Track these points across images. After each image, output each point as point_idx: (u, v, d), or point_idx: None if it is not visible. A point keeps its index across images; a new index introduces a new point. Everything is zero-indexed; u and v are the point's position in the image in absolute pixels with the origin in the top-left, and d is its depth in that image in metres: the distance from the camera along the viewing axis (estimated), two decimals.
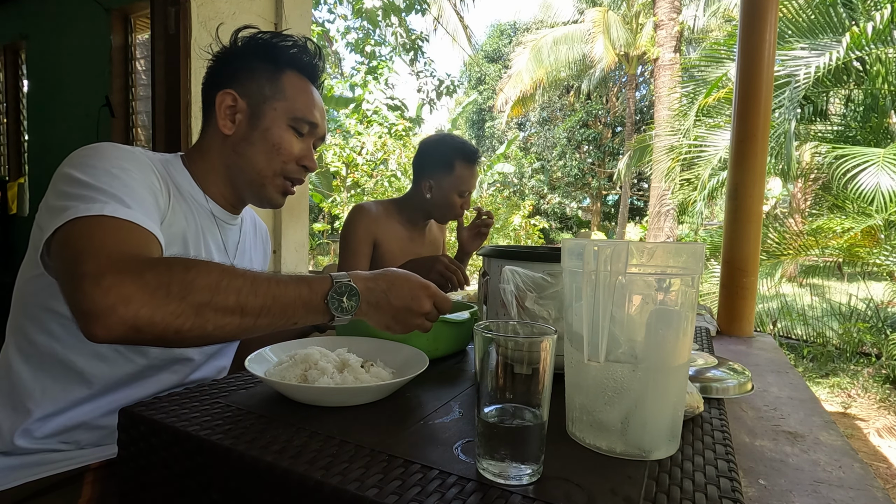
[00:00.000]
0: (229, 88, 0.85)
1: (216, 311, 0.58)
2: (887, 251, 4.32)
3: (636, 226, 15.62)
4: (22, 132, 3.71)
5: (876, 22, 4.13)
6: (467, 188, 1.62)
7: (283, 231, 2.51)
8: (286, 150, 0.86)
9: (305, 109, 0.88)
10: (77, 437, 0.77)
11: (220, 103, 0.85)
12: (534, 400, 0.45)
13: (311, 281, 0.64)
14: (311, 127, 0.89)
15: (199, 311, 0.57)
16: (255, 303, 0.60)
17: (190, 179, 0.86)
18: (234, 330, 0.59)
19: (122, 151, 0.74)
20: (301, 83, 0.89)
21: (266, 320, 0.60)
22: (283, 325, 0.62)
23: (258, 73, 0.86)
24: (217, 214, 0.89)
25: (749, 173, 1.63)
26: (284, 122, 0.86)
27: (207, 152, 0.89)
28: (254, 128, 0.85)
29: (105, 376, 0.77)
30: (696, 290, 0.51)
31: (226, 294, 0.58)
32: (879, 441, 3.01)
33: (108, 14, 2.76)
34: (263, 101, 0.86)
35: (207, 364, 0.91)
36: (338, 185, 7.33)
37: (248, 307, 0.59)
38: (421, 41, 7.84)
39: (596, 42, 12.14)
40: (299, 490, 0.45)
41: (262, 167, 0.86)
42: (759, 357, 1.36)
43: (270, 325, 0.61)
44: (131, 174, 0.71)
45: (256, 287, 0.60)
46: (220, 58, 0.89)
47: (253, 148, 0.86)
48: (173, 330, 0.56)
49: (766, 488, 0.64)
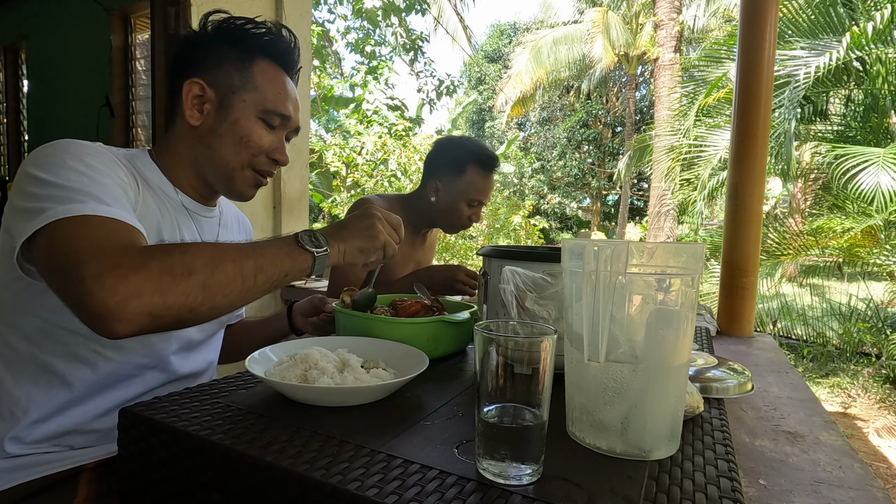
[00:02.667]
0: (197, 77, 0.81)
1: (220, 282, 0.61)
2: (887, 251, 4.32)
3: (636, 226, 15.62)
4: (22, 132, 3.71)
5: (876, 22, 4.13)
6: (478, 197, 1.47)
7: (283, 231, 2.51)
8: (255, 143, 0.83)
9: (277, 101, 0.84)
10: (70, 441, 0.76)
11: (188, 92, 0.81)
12: (534, 400, 0.45)
13: (282, 237, 0.70)
14: (283, 119, 0.85)
15: (205, 286, 0.59)
16: (249, 265, 0.64)
17: (158, 173, 0.84)
18: (239, 294, 0.63)
19: (83, 147, 0.72)
20: (273, 73, 0.85)
21: (262, 278, 0.65)
22: (278, 280, 0.67)
23: (227, 61, 0.82)
24: (189, 207, 0.87)
25: (749, 173, 1.63)
26: (254, 114, 0.83)
27: (175, 143, 0.86)
28: (222, 119, 0.82)
29: (86, 378, 0.76)
30: (696, 290, 0.51)
31: (223, 264, 0.62)
32: (879, 441, 3.01)
33: (108, 14, 2.76)
34: (232, 92, 0.82)
35: (192, 357, 0.89)
36: (338, 185, 7.33)
37: (246, 270, 0.63)
38: (421, 41, 7.84)
39: (595, 42, 12.14)
40: (299, 490, 0.45)
41: (230, 160, 0.83)
42: (759, 357, 1.36)
43: (268, 282, 0.66)
44: (98, 169, 0.69)
45: (245, 252, 0.64)
46: (188, 43, 0.85)
47: (221, 140, 0.82)
48: (187, 308, 0.58)
49: (766, 488, 0.64)
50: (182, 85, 0.82)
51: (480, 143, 1.55)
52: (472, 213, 1.50)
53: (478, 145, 1.51)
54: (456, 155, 1.48)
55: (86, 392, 0.76)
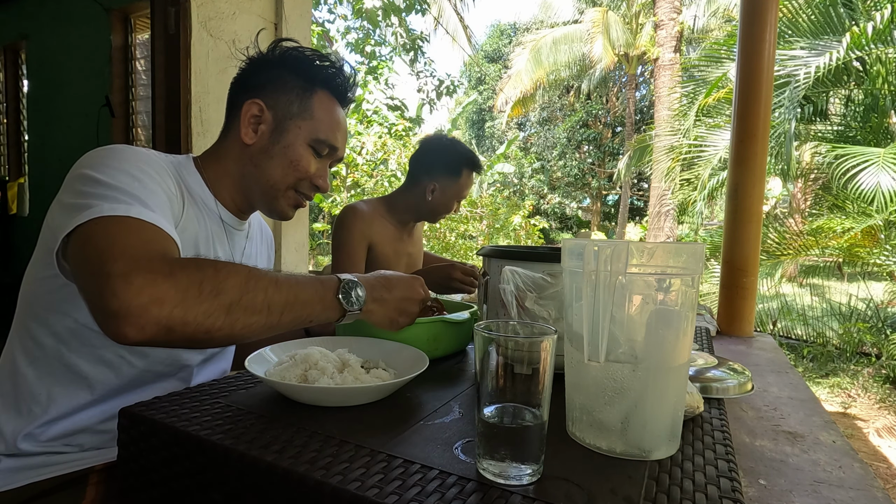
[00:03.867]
0: (257, 98, 0.84)
1: (245, 309, 0.59)
2: (887, 251, 4.32)
3: (636, 226, 15.62)
4: (22, 132, 3.71)
5: (876, 22, 4.13)
6: (466, 195, 1.67)
7: (283, 231, 2.51)
8: (303, 168, 0.86)
9: (329, 132, 0.88)
10: (80, 441, 0.77)
11: (246, 112, 0.84)
12: (534, 400, 0.45)
13: (322, 280, 0.68)
14: (331, 150, 0.89)
15: (229, 311, 0.58)
16: (279, 300, 0.62)
17: (202, 183, 0.86)
18: (260, 328, 0.61)
19: (139, 154, 0.73)
20: (329, 105, 0.89)
21: (288, 317, 0.63)
22: (301, 322, 0.65)
23: (290, 88, 0.86)
24: (226, 220, 0.89)
25: (749, 173, 1.64)
26: (306, 142, 0.86)
27: (224, 158, 0.88)
28: (275, 142, 0.85)
29: (109, 382, 0.77)
30: (696, 290, 0.51)
31: (254, 293, 0.60)
32: (879, 441, 3.01)
33: (108, 14, 2.76)
34: (290, 118, 0.85)
35: (208, 367, 0.90)
36: (338, 185, 7.33)
37: (274, 305, 0.61)
38: (421, 41, 7.83)
39: (595, 42, 12.15)
40: (299, 490, 0.45)
41: (276, 181, 0.86)
42: (759, 357, 1.36)
43: (291, 322, 0.64)
44: (151, 177, 0.71)
45: (279, 286, 0.62)
46: (253, 64, 0.88)
47: (271, 161, 0.85)
48: (204, 329, 0.57)
49: (766, 488, 0.64)
50: (242, 103, 0.85)
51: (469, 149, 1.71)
52: (457, 207, 1.69)
53: (468, 150, 1.67)
54: (453, 159, 1.62)
55: (105, 395, 0.77)
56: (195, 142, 2.15)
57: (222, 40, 2.21)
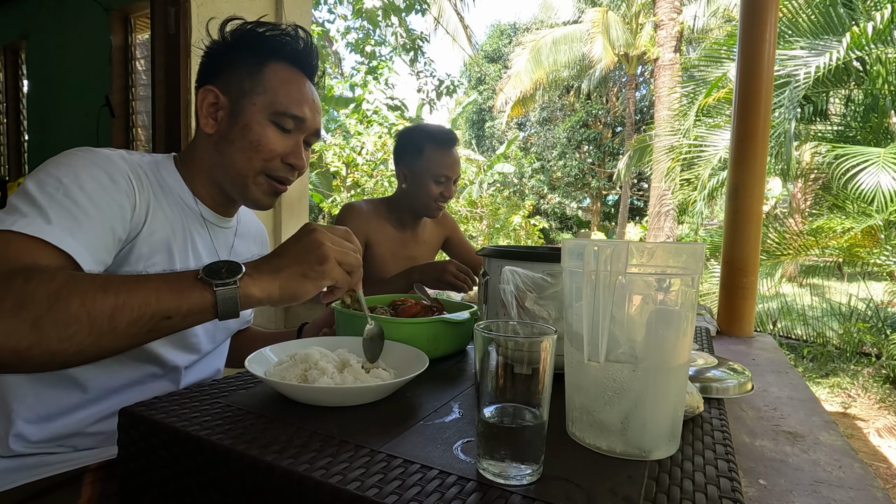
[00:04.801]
0: (211, 85, 0.81)
1: (56, 322, 0.51)
2: (887, 251, 4.32)
3: (636, 226, 15.62)
4: (22, 132, 3.71)
5: (876, 22, 4.13)
6: (443, 172, 1.52)
7: (283, 231, 2.51)
8: (267, 147, 0.80)
9: (288, 103, 0.81)
10: (73, 443, 0.76)
11: (202, 100, 0.82)
12: (534, 400, 0.45)
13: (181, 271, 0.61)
14: (297, 122, 0.83)
15: (35, 326, 0.50)
16: (105, 304, 0.53)
17: (180, 181, 0.83)
18: (86, 340, 0.53)
19: (91, 163, 0.70)
20: (286, 74, 0.83)
21: (124, 321, 0.54)
22: (150, 322, 0.56)
23: (239, 66, 0.82)
24: (207, 217, 0.86)
25: (749, 173, 1.63)
26: (265, 118, 0.80)
27: (195, 152, 0.85)
28: (233, 125, 0.81)
29: (101, 383, 0.76)
30: (696, 290, 0.51)
31: (67, 301, 0.52)
32: (879, 441, 3.01)
33: (108, 14, 2.76)
34: (243, 96, 0.81)
35: (199, 367, 0.89)
36: (338, 185, 7.33)
37: (96, 310, 0.53)
38: (421, 41, 7.83)
39: (595, 42, 12.15)
40: (299, 490, 0.45)
41: (242, 166, 0.81)
42: (759, 357, 1.36)
43: (133, 325, 0.55)
44: (87, 187, 0.67)
45: (106, 289, 0.54)
46: (207, 53, 0.85)
47: (233, 146, 0.81)
48: (10, 350, 0.50)
49: (766, 488, 0.64)
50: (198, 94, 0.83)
51: (435, 125, 1.63)
52: (444, 189, 1.55)
53: (432, 126, 1.59)
54: (412, 139, 1.56)
55: (96, 396, 0.77)
56: None
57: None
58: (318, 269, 0.62)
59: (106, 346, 0.55)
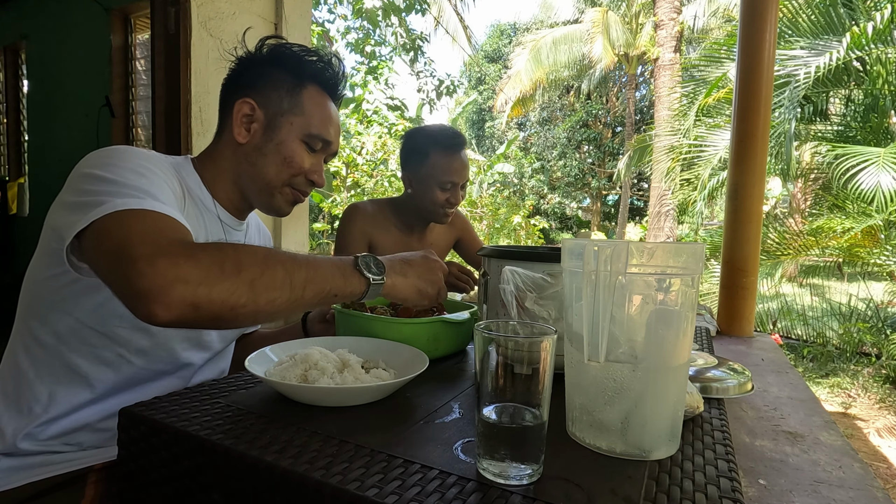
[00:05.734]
0: (248, 97, 0.85)
1: (267, 285, 0.60)
2: (887, 251, 4.32)
3: (636, 226, 15.63)
4: (22, 132, 3.71)
5: (876, 22, 4.13)
6: (448, 178, 1.45)
7: (283, 231, 2.51)
8: (297, 164, 0.87)
9: (321, 126, 0.88)
10: (80, 440, 0.77)
11: (238, 111, 0.85)
12: (534, 400, 0.45)
13: (338, 257, 0.70)
14: (325, 144, 0.90)
15: (251, 287, 0.58)
16: (300, 275, 0.62)
17: (200, 183, 0.87)
18: (284, 304, 0.61)
19: (141, 153, 0.75)
20: (320, 99, 0.89)
21: (311, 292, 0.63)
22: (325, 298, 0.65)
23: (279, 84, 0.86)
24: (224, 220, 0.90)
25: (749, 173, 1.63)
26: (298, 137, 0.87)
27: (219, 158, 0.89)
28: (268, 139, 0.86)
29: (108, 380, 0.77)
30: (696, 290, 0.51)
31: (273, 269, 0.61)
32: (879, 441, 3.01)
33: (108, 14, 2.76)
34: (281, 114, 0.86)
35: (208, 367, 0.91)
36: (338, 185, 7.33)
37: (295, 279, 0.62)
38: (421, 41, 7.83)
39: (595, 42, 12.14)
40: (299, 490, 0.45)
41: (271, 178, 0.87)
42: (759, 357, 1.36)
43: (315, 297, 0.64)
44: (155, 174, 0.72)
45: (297, 262, 0.63)
46: (242, 63, 0.89)
47: (265, 159, 0.86)
48: (229, 306, 0.57)
49: (766, 488, 0.64)
50: (233, 103, 0.86)
51: (441, 125, 1.56)
52: (450, 196, 1.49)
53: (437, 128, 1.51)
54: (417, 142, 1.50)
55: (105, 393, 0.77)
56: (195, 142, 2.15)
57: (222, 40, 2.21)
58: (428, 292, 0.77)
59: (294, 310, 0.64)
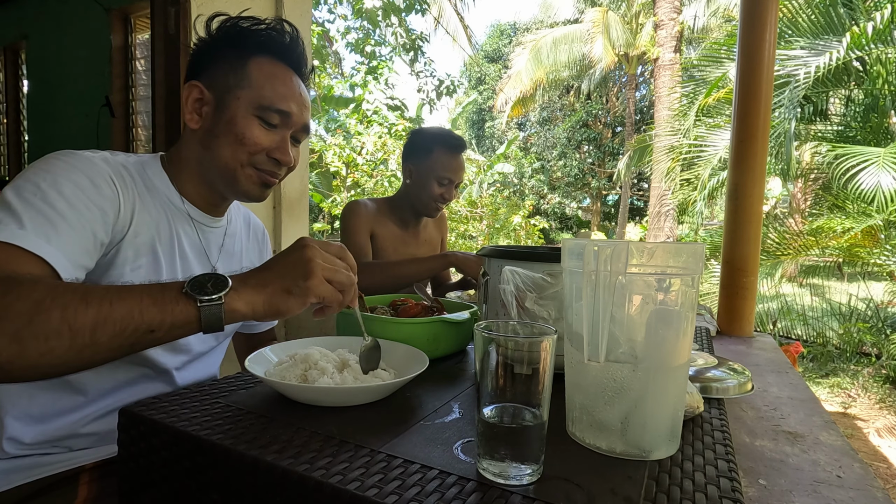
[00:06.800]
0: (196, 80, 0.81)
1: (37, 335, 0.51)
2: (887, 251, 4.32)
3: (636, 226, 15.62)
4: (22, 132, 3.71)
5: (876, 22, 4.14)
6: (447, 175, 1.58)
7: (283, 231, 2.51)
8: (251, 141, 0.79)
9: (273, 97, 0.80)
10: (68, 444, 0.76)
11: (187, 96, 0.81)
12: (534, 400, 0.45)
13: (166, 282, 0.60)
14: (283, 117, 0.81)
15: (15, 338, 0.50)
16: (87, 316, 0.53)
17: (167, 181, 0.82)
18: (66, 353, 0.52)
19: (71, 167, 0.69)
20: (271, 69, 0.82)
21: (105, 334, 0.53)
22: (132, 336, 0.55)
23: (224, 61, 0.80)
24: (195, 217, 0.85)
25: (749, 173, 1.63)
26: (250, 112, 0.79)
27: (181, 150, 0.84)
28: (218, 119, 0.80)
29: (94, 385, 0.76)
30: (696, 290, 0.51)
31: (48, 313, 0.51)
32: (879, 441, 3.01)
33: (108, 14, 2.76)
34: (227, 91, 0.80)
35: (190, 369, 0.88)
36: (338, 185, 7.33)
37: (77, 323, 0.52)
38: (421, 41, 7.83)
39: (595, 42, 12.15)
40: (299, 490, 0.45)
41: (227, 159, 0.80)
42: (759, 357, 1.36)
43: (116, 339, 0.54)
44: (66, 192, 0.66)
45: (89, 298, 0.53)
46: (194, 50, 0.84)
47: (218, 140, 0.80)
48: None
49: (766, 488, 0.64)
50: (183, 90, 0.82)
51: (448, 130, 1.71)
52: (444, 192, 1.61)
53: (445, 130, 1.67)
54: (424, 138, 1.64)
55: (90, 397, 0.76)
56: None
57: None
58: (302, 286, 0.60)
59: (87, 359, 0.54)
